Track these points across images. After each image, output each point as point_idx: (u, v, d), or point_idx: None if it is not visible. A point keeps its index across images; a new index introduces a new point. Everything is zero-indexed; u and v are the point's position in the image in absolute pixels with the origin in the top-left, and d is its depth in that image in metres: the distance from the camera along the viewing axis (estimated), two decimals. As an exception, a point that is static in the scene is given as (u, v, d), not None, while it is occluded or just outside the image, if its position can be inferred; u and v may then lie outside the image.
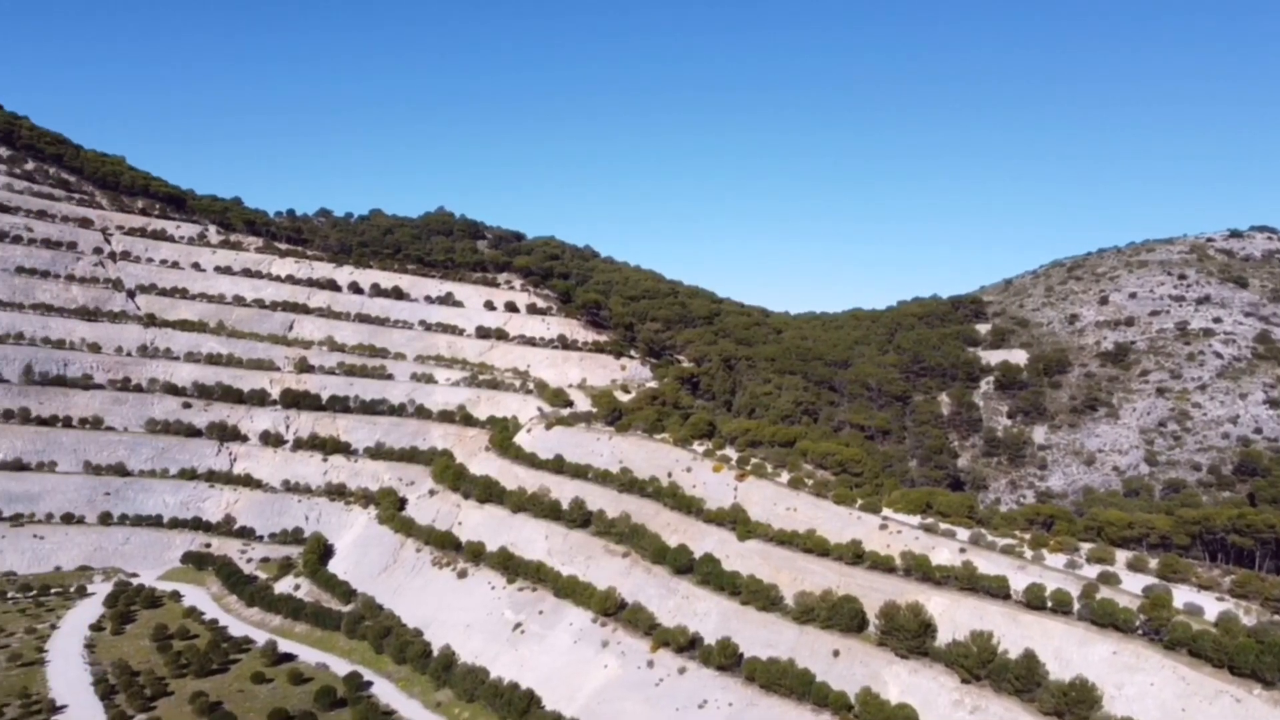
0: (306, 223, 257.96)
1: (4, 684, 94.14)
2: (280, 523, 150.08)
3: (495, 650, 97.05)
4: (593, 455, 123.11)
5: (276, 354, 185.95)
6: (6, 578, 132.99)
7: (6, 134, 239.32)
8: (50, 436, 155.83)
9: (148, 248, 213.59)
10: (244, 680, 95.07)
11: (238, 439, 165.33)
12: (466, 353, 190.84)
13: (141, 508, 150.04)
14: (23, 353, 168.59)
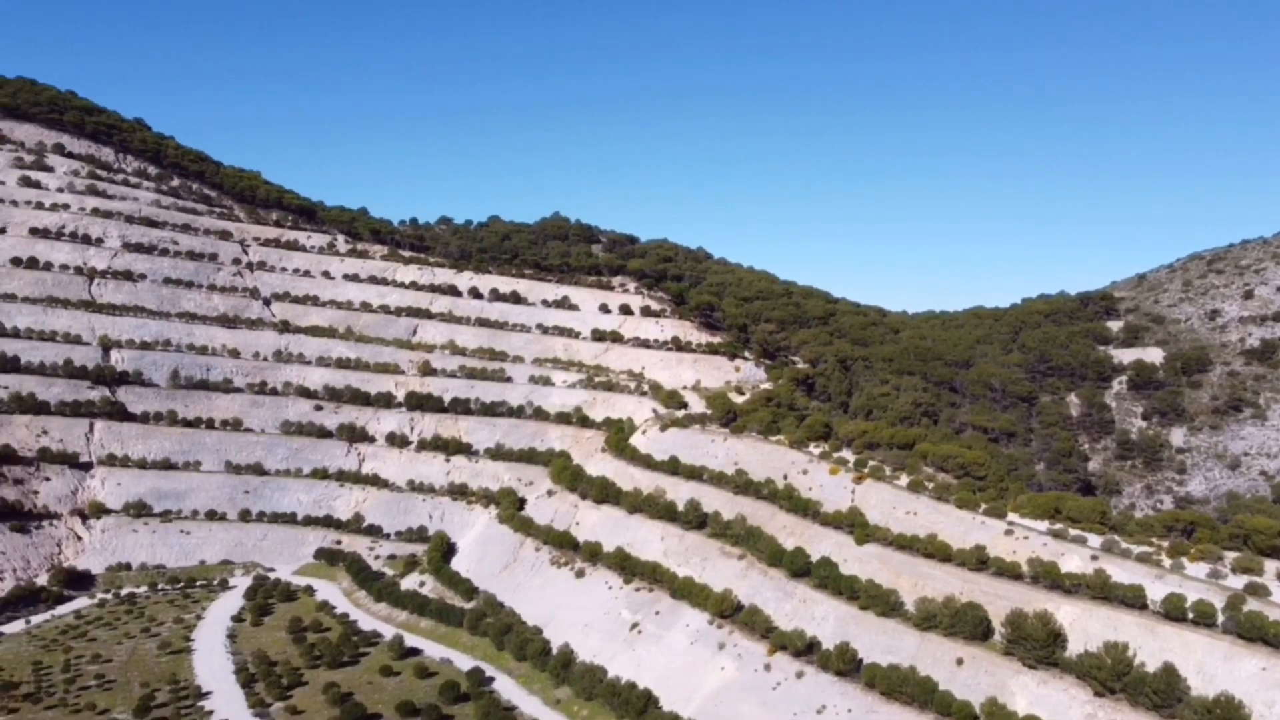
0: (429, 230, 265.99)
1: (155, 670, 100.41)
2: (406, 521, 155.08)
3: (613, 649, 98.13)
4: (707, 457, 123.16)
5: (401, 358, 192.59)
6: (157, 570, 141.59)
7: (155, 154, 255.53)
8: (195, 437, 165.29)
9: (281, 257, 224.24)
10: (373, 673, 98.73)
11: (365, 440, 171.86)
12: (582, 355, 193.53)
13: (278, 505, 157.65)
14: (170, 358, 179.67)
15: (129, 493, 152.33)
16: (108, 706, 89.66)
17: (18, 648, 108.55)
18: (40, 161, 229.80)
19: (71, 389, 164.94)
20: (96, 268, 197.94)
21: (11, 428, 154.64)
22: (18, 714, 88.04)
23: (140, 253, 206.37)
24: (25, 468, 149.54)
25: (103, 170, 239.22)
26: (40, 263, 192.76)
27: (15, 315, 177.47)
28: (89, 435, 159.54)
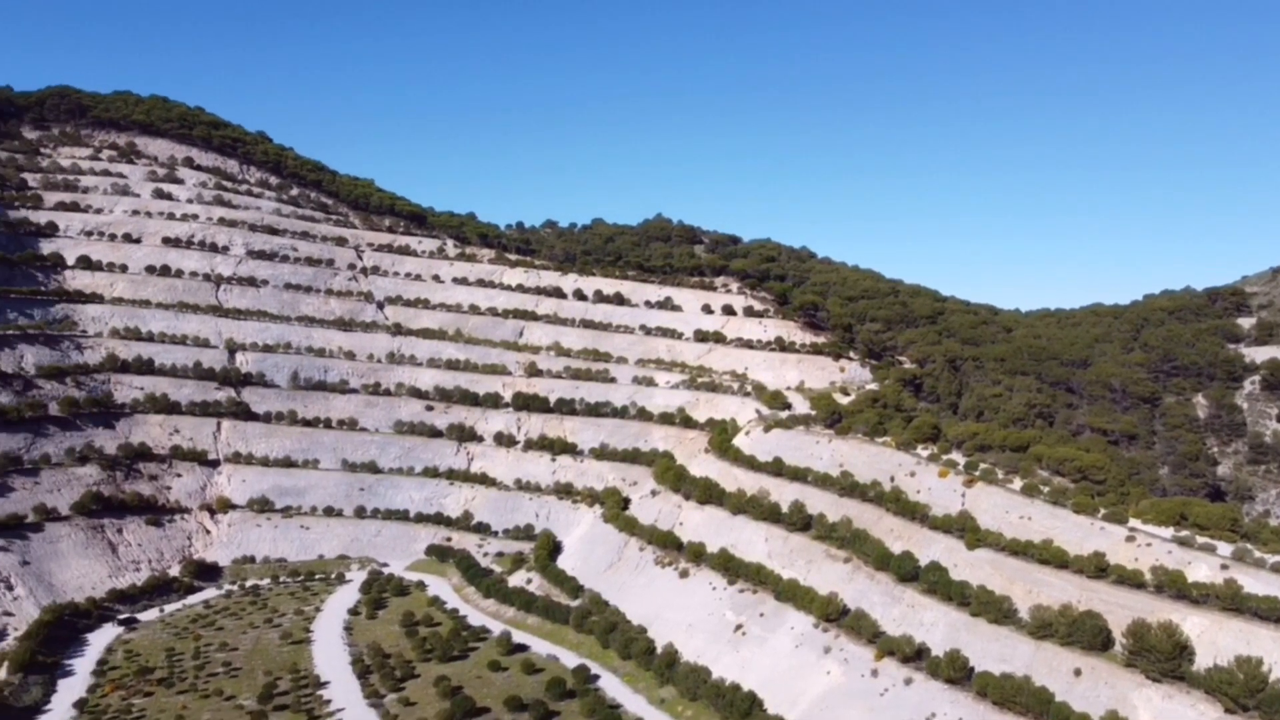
0: (534, 234, 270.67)
1: (277, 659, 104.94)
2: (513, 519, 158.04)
3: (716, 650, 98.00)
4: (812, 458, 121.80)
5: (508, 359, 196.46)
6: (279, 563, 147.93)
7: (275, 165, 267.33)
8: (313, 436, 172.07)
9: (394, 262, 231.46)
10: (482, 667, 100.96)
11: (474, 439, 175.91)
12: (685, 356, 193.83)
13: (391, 503, 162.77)
14: (290, 360, 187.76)
15: (253, 489, 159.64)
16: (234, 693, 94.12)
17: (153, 635, 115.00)
18: (171, 174, 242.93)
19: (200, 390, 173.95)
20: (223, 274, 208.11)
21: (146, 426, 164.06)
22: (152, 698, 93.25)
23: (263, 259, 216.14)
24: (159, 464, 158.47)
25: (228, 181, 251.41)
26: (172, 270, 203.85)
27: (150, 320, 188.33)
28: (216, 434, 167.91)
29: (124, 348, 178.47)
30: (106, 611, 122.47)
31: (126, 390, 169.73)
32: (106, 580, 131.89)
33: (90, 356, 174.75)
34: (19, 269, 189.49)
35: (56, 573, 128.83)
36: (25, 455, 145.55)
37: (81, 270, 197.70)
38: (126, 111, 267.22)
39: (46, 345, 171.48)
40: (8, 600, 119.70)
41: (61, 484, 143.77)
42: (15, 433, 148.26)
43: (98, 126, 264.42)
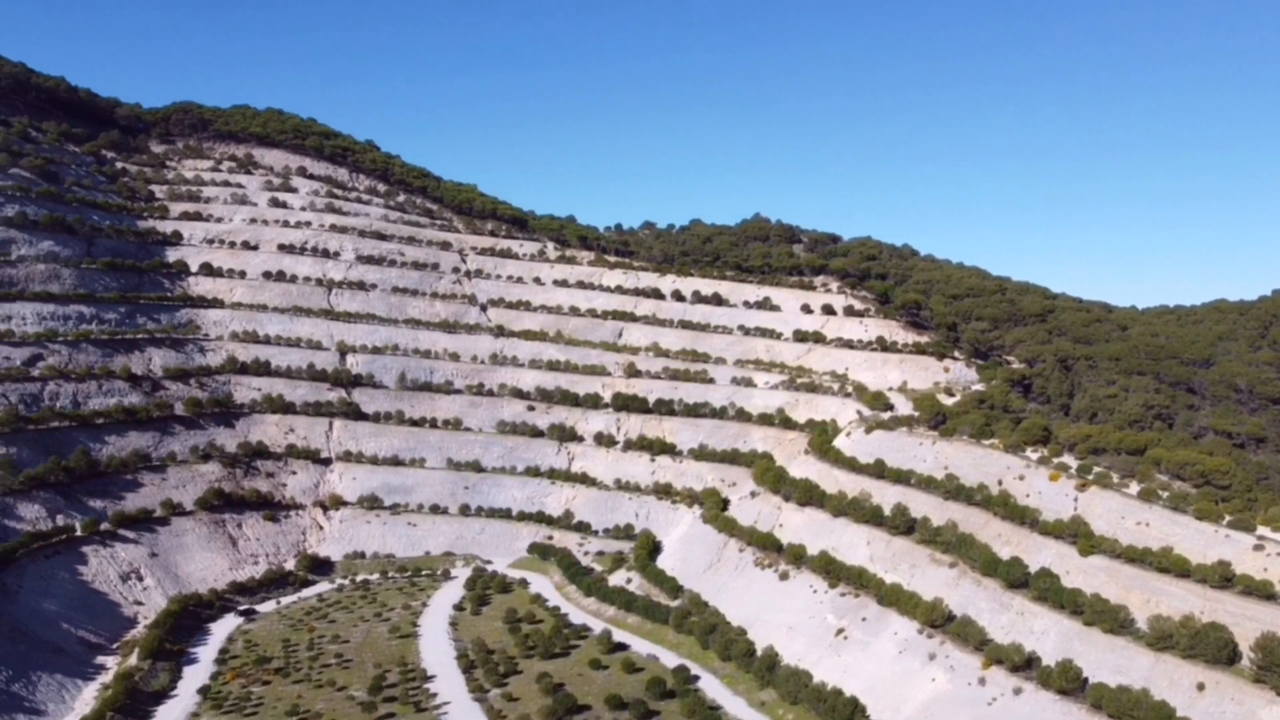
0: (633, 235, 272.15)
1: (386, 652, 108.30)
2: (613, 519, 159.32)
3: (817, 654, 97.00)
4: (915, 460, 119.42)
5: (608, 359, 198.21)
6: (387, 559, 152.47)
7: (383, 172, 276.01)
8: (420, 436, 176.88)
9: (496, 265, 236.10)
10: (583, 665, 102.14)
11: (575, 439, 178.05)
12: (784, 356, 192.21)
13: (494, 501, 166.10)
14: (398, 362, 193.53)
15: (363, 486, 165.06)
16: (346, 684, 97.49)
17: (270, 626, 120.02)
18: (286, 184, 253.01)
19: (314, 391, 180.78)
20: (334, 279, 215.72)
21: (264, 426, 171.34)
22: (270, 686, 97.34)
23: (371, 264, 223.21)
24: (275, 462, 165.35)
25: (339, 189, 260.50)
26: (287, 275, 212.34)
27: (267, 323, 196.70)
28: (328, 433, 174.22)
29: (243, 350, 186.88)
30: (227, 602, 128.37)
31: (245, 391, 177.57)
32: (227, 573, 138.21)
33: (212, 359, 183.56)
34: (148, 276, 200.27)
35: (182, 565, 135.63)
36: (153, 453, 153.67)
37: (204, 276, 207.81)
38: (244, 124, 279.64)
39: (172, 348, 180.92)
40: (138, 590, 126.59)
41: (186, 480, 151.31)
42: (145, 431, 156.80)
43: (218, 139, 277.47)
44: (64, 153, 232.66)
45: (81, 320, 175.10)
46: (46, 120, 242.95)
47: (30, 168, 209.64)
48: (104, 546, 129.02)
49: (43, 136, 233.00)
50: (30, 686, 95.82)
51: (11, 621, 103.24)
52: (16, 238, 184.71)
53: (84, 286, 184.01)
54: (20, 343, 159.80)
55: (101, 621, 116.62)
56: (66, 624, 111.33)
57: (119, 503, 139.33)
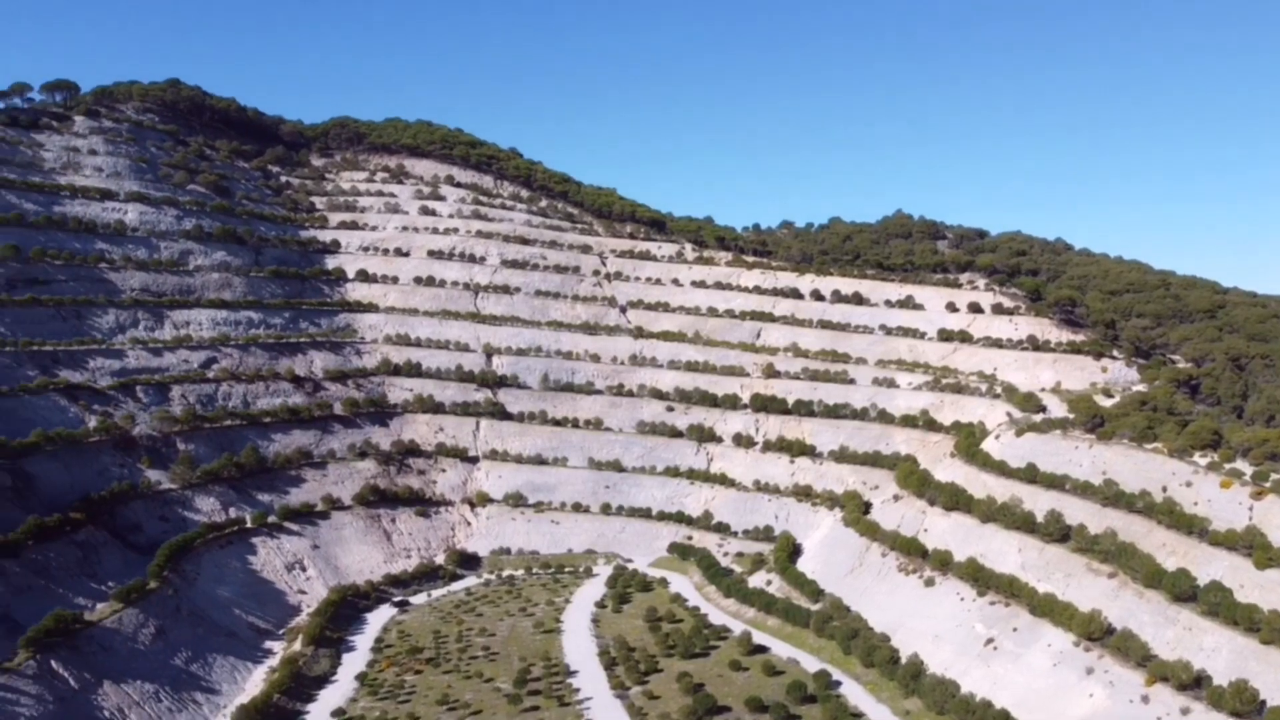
0: (770, 235, 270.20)
1: (531, 646, 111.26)
2: (751, 520, 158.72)
3: (965, 664, 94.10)
4: (1069, 465, 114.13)
5: (746, 360, 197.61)
6: (531, 555, 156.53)
7: (526, 179, 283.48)
8: (562, 436, 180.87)
9: (635, 267, 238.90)
10: (722, 666, 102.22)
11: (713, 440, 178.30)
12: (928, 356, 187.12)
13: (634, 501, 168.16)
14: (541, 363, 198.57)
15: (508, 484, 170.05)
16: (492, 676, 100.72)
17: (422, 618, 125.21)
18: (435, 192, 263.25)
19: (462, 391, 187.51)
20: (480, 283, 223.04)
21: (415, 425, 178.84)
22: (421, 675, 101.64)
23: (515, 268, 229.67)
24: (426, 460, 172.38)
25: (484, 196, 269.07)
26: (436, 280, 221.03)
27: (418, 327, 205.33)
28: (476, 433, 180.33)
29: (396, 352, 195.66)
30: (382, 594, 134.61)
31: (398, 391, 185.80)
32: (382, 565, 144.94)
33: (368, 361, 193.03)
34: (309, 283, 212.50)
35: (340, 556, 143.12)
36: (315, 450, 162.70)
37: (360, 282, 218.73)
38: (396, 137, 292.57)
39: (332, 351, 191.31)
40: (301, 580, 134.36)
41: (344, 477, 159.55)
42: (307, 429, 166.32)
43: (372, 151, 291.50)
44: (234, 168, 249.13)
45: (251, 325, 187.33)
46: (219, 139, 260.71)
47: (205, 183, 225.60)
48: (271, 538, 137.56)
49: (216, 154, 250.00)
50: (206, 667, 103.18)
51: (191, 606, 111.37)
52: (194, 249, 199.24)
53: (253, 293, 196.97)
54: (197, 346, 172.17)
55: (269, 608, 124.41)
56: (238, 610, 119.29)
57: (284, 497, 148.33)
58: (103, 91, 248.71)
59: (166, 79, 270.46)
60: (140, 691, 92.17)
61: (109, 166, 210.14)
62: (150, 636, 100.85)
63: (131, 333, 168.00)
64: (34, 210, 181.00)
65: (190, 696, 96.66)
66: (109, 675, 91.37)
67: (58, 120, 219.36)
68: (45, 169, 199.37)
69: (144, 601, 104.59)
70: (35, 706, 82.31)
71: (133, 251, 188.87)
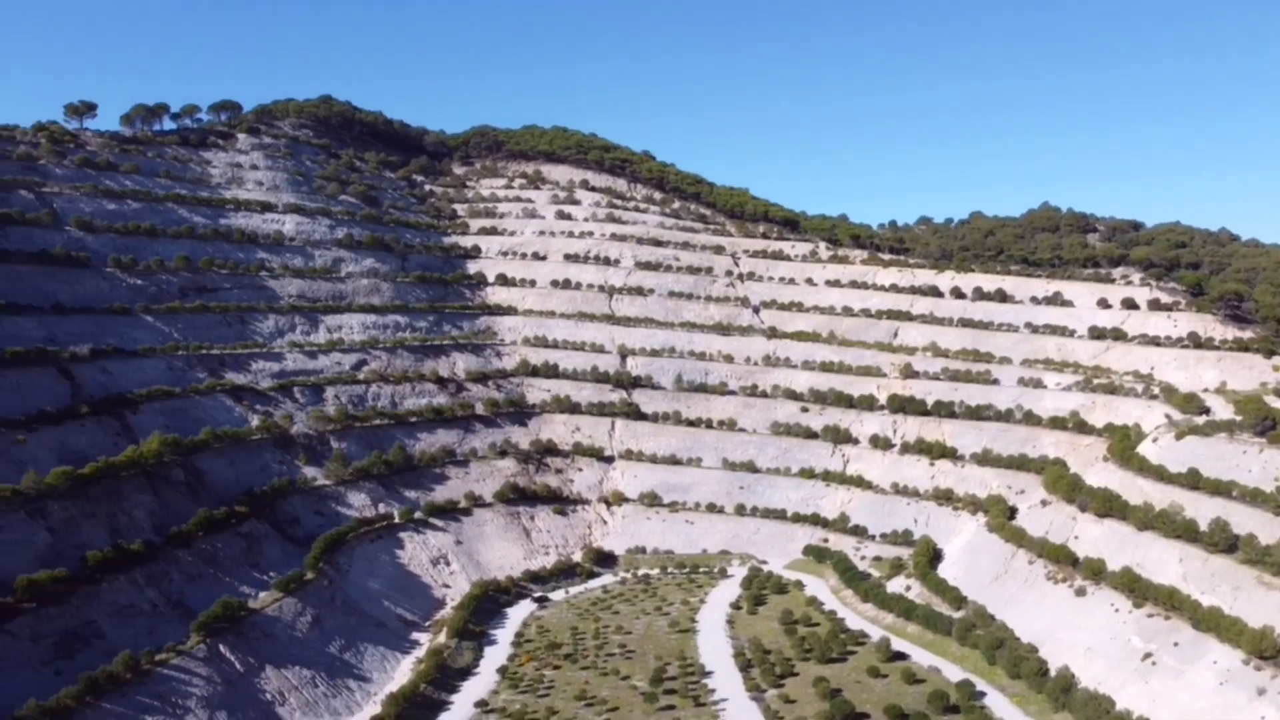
0: (907, 232, 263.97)
1: (666, 645, 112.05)
2: (889, 523, 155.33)
3: (1120, 679, 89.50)
4: (1236, 470, 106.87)
5: (882, 360, 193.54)
6: (666, 555, 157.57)
7: (659, 181, 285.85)
8: (695, 436, 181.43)
9: (768, 267, 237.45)
10: (860, 672, 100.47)
11: (849, 441, 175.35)
12: (1078, 355, 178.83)
13: (768, 502, 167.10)
14: (674, 364, 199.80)
15: (643, 484, 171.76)
16: (629, 674, 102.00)
17: (559, 614, 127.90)
18: (570, 197, 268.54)
19: (597, 392, 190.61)
20: (614, 285, 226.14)
21: (553, 425, 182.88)
22: (560, 671, 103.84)
23: (648, 270, 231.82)
24: (563, 459, 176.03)
25: (618, 200, 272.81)
26: (572, 283, 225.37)
27: (555, 329, 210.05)
28: (611, 433, 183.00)
29: (533, 354, 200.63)
30: (521, 589, 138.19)
31: (536, 392, 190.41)
32: (521, 562, 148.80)
33: (507, 362, 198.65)
34: (451, 287, 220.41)
35: (482, 552, 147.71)
36: (458, 449, 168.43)
37: (499, 286, 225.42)
38: (533, 143, 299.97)
39: (473, 353, 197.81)
40: (445, 574, 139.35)
41: (486, 475, 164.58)
42: (450, 429, 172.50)
43: (510, 158, 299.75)
44: (382, 179, 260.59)
45: (398, 329, 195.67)
46: (368, 151, 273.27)
47: (355, 194, 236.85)
48: (417, 533, 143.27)
49: (365, 165, 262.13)
50: (359, 655, 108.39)
51: (344, 597, 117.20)
52: (345, 257, 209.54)
53: (399, 298, 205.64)
54: (349, 349, 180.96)
55: (415, 601, 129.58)
56: (387, 601, 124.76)
57: (429, 494, 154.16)
58: (262, 110, 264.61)
59: (320, 95, 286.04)
60: (299, 676, 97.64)
61: (268, 180, 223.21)
62: (307, 625, 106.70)
63: (289, 337, 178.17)
64: (202, 223, 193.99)
65: (344, 683, 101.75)
66: (271, 660, 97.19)
67: (223, 138, 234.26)
68: (212, 184, 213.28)
69: (302, 591, 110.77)
70: (206, 687, 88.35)
71: (290, 260, 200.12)
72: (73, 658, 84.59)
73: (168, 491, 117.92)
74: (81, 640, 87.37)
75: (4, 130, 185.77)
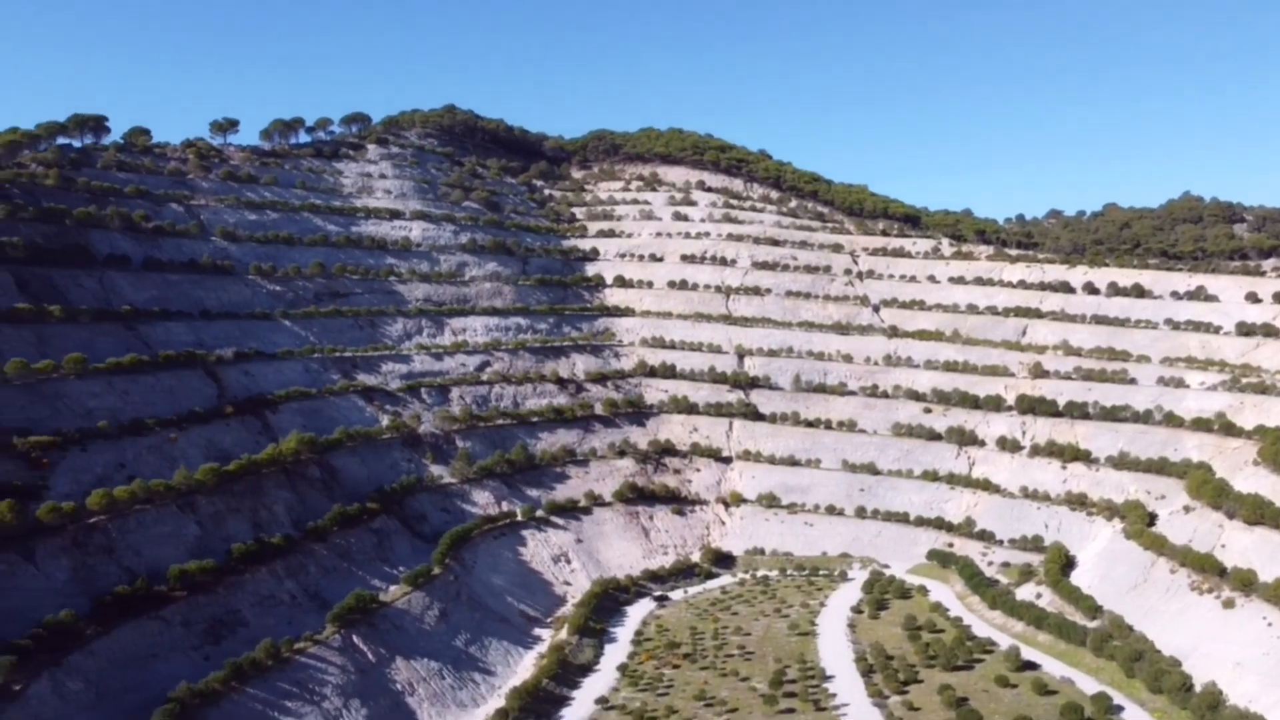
0: (1036, 225, 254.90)
1: (785, 648, 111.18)
2: (1018, 529, 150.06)
3: (1274, 698, 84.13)
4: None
5: (1010, 359, 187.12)
6: (785, 557, 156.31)
7: (775, 180, 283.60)
8: (814, 437, 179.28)
9: (888, 265, 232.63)
10: (988, 681, 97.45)
11: (974, 443, 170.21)
12: (1224, 353, 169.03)
13: (890, 504, 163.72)
14: (792, 364, 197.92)
15: (760, 485, 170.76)
16: (748, 675, 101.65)
17: (678, 613, 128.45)
18: (687, 198, 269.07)
19: (715, 392, 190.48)
20: (731, 285, 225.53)
21: (670, 426, 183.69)
22: (679, 670, 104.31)
23: (765, 270, 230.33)
24: (681, 459, 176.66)
25: (734, 200, 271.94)
26: (688, 284, 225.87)
27: (672, 330, 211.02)
28: (728, 433, 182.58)
29: (651, 355, 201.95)
30: (640, 588, 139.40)
31: (654, 393, 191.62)
32: (640, 561, 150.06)
33: (625, 363, 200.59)
34: (570, 290, 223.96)
35: (602, 550, 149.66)
36: (577, 449, 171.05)
37: (617, 288, 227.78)
38: (649, 146, 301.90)
39: (592, 354, 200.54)
40: (566, 571, 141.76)
41: (605, 474, 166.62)
42: (570, 429, 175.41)
43: (627, 161, 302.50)
44: (503, 184, 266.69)
45: (519, 331, 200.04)
46: (490, 157, 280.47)
47: (478, 200, 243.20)
48: (539, 531, 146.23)
49: (487, 172, 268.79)
50: (483, 649, 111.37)
51: (469, 592, 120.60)
52: (469, 261, 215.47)
53: (520, 301, 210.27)
54: (472, 351, 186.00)
55: (537, 598, 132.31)
56: (510, 597, 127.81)
57: (550, 492, 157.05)
58: (390, 121, 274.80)
59: (444, 105, 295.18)
60: (427, 668, 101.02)
61: (396, 189, 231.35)
62: (435, 619, 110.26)
63: (416, 339, 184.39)
64: (336, 231, 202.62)
65: (469, 676, 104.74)
66: (400, 652, 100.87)
67: (353, 149, 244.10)
68: (344, 194, 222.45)
69: (429, 586, 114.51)
70: (340, 675, 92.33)
71: (417, 265, 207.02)
72: (219, 644, 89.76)
73: (304, 488, 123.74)
74: (227, 627, 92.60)
75: (157, 148, 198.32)
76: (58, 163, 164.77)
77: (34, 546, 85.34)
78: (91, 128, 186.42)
